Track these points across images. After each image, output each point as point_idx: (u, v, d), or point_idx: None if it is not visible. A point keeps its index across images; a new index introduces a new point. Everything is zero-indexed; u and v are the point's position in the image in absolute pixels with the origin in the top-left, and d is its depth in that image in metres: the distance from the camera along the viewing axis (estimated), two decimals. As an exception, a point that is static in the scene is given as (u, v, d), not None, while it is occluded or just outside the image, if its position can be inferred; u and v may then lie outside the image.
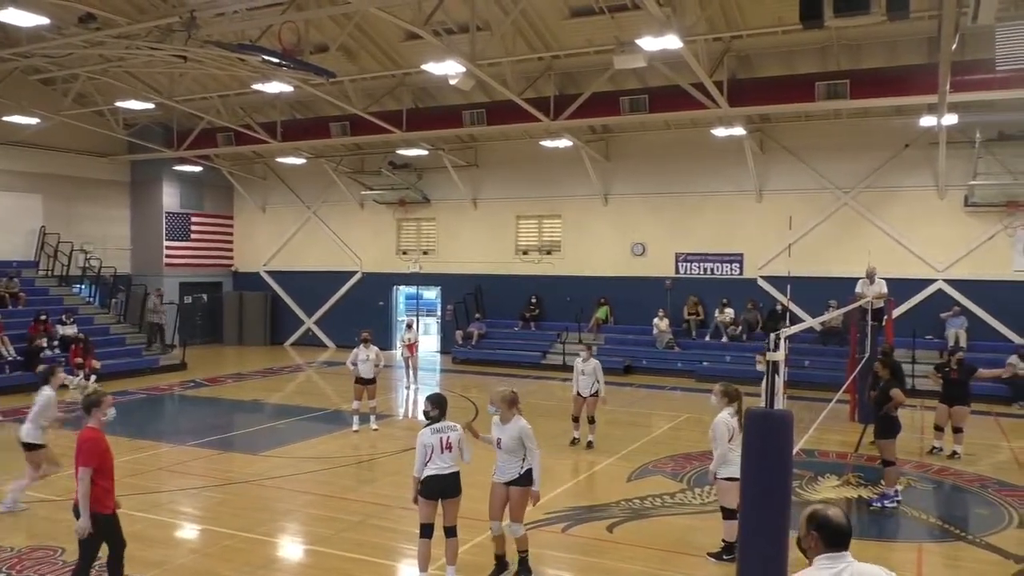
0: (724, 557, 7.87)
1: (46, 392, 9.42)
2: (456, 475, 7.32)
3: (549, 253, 24.57)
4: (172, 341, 24.21)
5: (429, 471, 7.13)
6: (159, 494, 6.43)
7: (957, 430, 12.38)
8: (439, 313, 26.97)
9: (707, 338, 21.65)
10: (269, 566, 7.92)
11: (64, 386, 18.05)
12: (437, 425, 7.29)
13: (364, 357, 14.05)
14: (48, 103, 21.98)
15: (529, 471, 7.41)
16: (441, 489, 7.17)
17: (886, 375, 10.57)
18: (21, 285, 21.75)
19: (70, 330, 20.46)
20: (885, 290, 15.94)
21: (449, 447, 7.28)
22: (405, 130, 20.71)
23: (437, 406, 7.36)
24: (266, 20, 15.05)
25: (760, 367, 10.78)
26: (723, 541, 8.01)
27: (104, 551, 6.46)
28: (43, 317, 20.02)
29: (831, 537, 3.51)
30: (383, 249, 27.05)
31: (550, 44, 17.90)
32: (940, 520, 9.37)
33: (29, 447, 9.31)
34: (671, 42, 12.77)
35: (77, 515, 6.25)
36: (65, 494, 9.92)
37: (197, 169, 26.94)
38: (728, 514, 7.89)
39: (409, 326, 20.34)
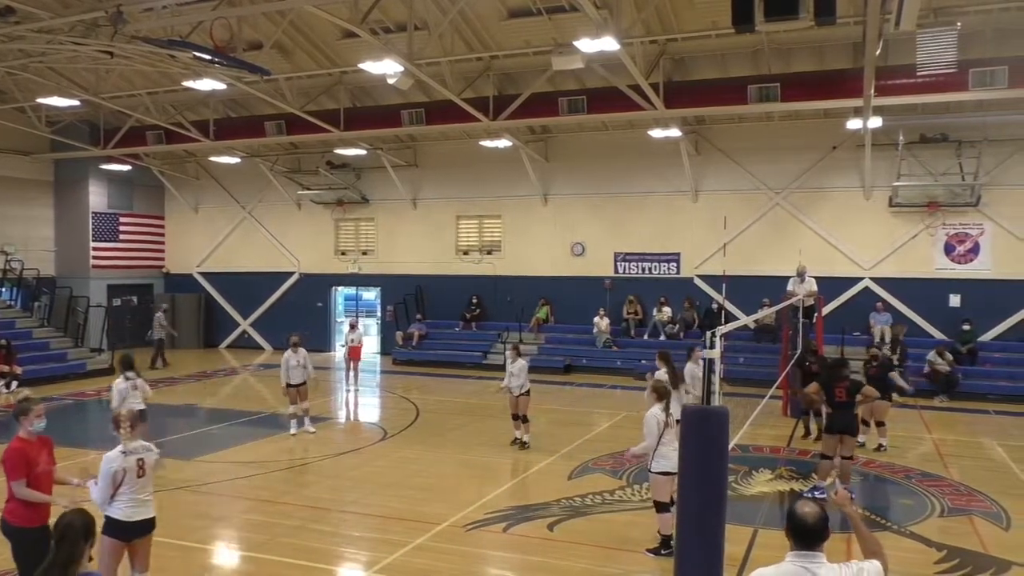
0: (662, 552, 7.99)
1: None
2: (145, 411, 9.76)
3: (490, 253, 24.57)
4: (100, 345, 23.40)
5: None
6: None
7: (879, 424, 12.77)
8: (379, 314, 26.72)
9: (646, 337, 21.94)
10: (204, 575, 7.73)
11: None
12: (128, 373, 10.64)
13: (295, 363, 13.85)
14: (-35, 98, 21.06)
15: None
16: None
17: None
18: (-64, 288, 20.78)
19: (-9, 335, 19.59)
20: (815, 288, 16.42)
21: (135, 387, 10.61)
22: (343, 129, 20.46)
23: (121, 362, 10.78)
24: (197, 16, 14.67)
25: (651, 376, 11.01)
26: (659, 535, 8.13)
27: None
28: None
29: (795, 533, 3.55)
30: (321, 250, 26.67)
31: (488, 44, 17.91)
32: (868, 510, 9.68)
33: None
34: (608, 44, 12.92)
35: (6, 533, 6.01)
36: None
37: (126, 168, 26.12)
38: (660, 507, 8.07)
39: (352, 327, 20.00)
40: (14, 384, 18.47)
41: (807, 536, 3.53)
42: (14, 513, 5.98)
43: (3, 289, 23.78)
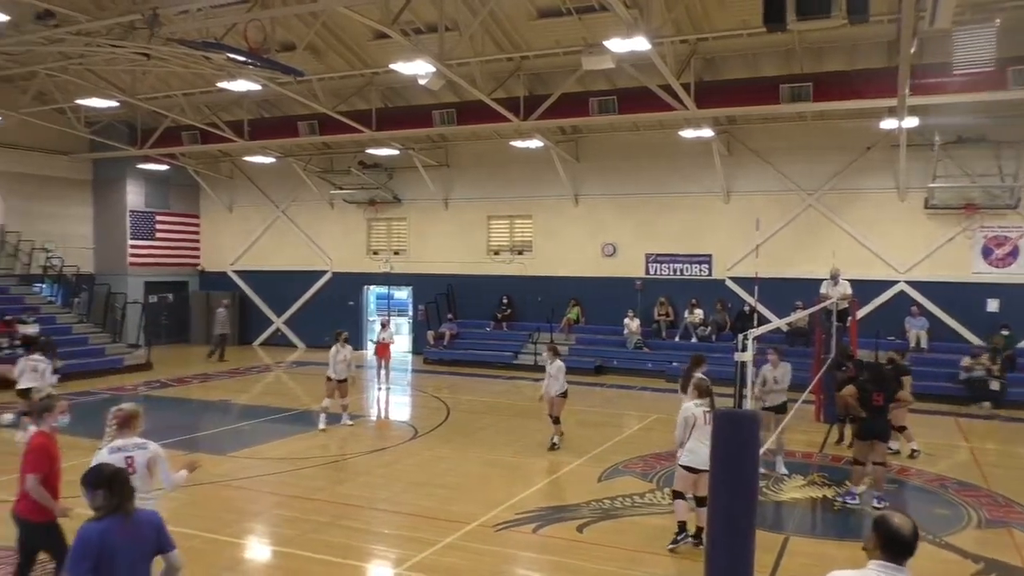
0: (677, 539, 8.22)
1: None
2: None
3: (521, 253, 24.60)
4: (137, 341, 23.86)
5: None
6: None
7: (901, 428, 12.43)
8: (410, 313, 26.88)
9: (677, 339, 21.80)
10: (234, 568, 7.85)
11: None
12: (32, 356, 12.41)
13: (342, 358, 14.21)
14: (7, 100, 21.55)
15: None
16: None
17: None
18: (-20, 285, 21.32)
19: (31, 329, 20.05)
20: (849, 291, 16.20)
21: (34, 368, 12.53)
22: (375, 130, 20.62)
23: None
24: (231, 18, 14.88)
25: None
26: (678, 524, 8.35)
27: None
28: (8, 317, 19.68)
29: (885, 541, 3.44)
30: (354, 249, 26.90)
31: (519, 45, 17.93)
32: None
33: None
34: (639, 44, 12.86)
35: (17, 523, 6.09)
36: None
37: (162, 168, 26.56)
38: (675, 495, 8.46)
39: (384, 325, 20.18)
40: (55, 378, 18.91)
41: (899, 548, 3.42)
42: (28, 508, 6.02)
43: (44, 285, 24.32)
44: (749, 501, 6.00)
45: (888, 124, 17.73)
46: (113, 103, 20.72)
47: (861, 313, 18.19)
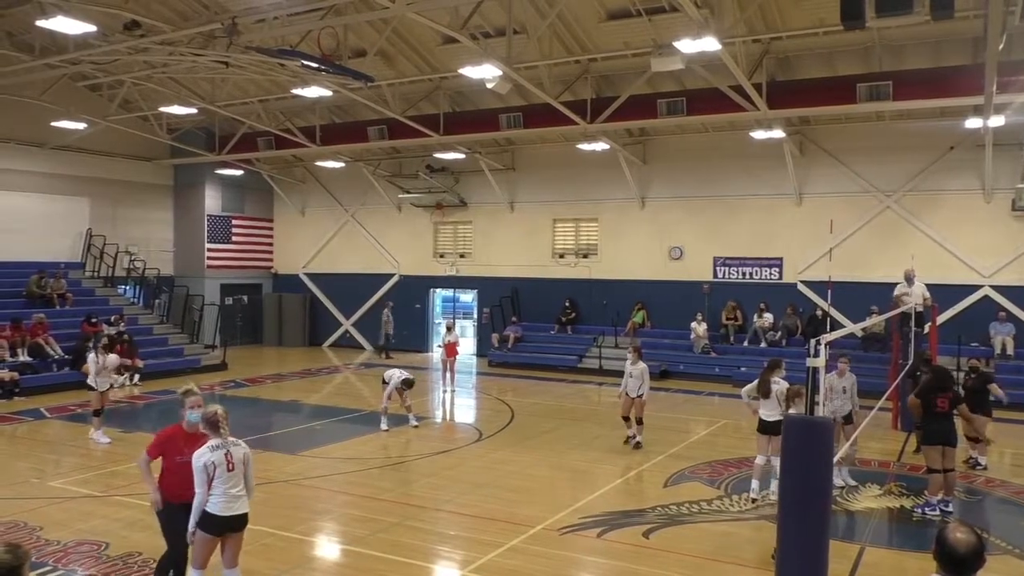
0: None
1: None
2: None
3: (586, 256, 24.50)
4: (213, 341, 24.61)
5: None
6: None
7: (976, 440, 11.96)
8: (475, 316, 27.04)
9: (746, 343, 21.39)
10: (306, 565, 8.00)
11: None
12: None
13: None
14: (95, 108, 22.54)
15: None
16: None
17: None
18: (68, 286, 22.28)
19: (115, 330, 20.89)
20: (927, 293, 15.60)
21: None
22: (442, 134, 20.85)
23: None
24: (305, 26, 15.28)
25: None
26: None
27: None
28: (95, 320, 20.52)
29: (943, 559, 3.29)
30: (420, 252, 27.22)
31: (587, 47, 17.88)
32: (985, 532, 9.13)
33: None
34: (709, 44, 12.67)
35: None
36: (108, 490, 10.16)
37: (238, 173, 27.38)
38: None
39: (449, 328, 20.41)
40: (136, 377, 19.69)
41: (956, 565, 3.25)
42: (162, 487, 6.40)
43: (127, 287, 25.32)
44: (822, 511, 5.84)
45: (973, 123, 17.05)
46: (193, 110, 21.51)
47: (942, 318, 17.53)
